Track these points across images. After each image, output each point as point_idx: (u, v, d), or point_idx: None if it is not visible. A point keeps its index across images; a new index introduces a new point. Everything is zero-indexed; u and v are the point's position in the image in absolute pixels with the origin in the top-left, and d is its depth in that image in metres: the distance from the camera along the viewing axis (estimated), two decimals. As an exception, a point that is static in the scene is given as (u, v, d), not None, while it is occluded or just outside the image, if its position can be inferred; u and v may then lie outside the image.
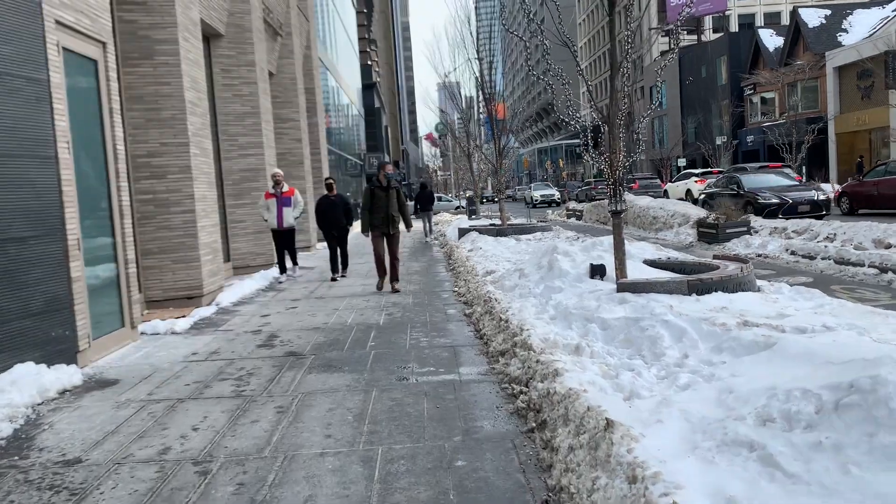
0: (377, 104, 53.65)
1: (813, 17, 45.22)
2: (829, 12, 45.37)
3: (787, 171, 26.30)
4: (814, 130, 36.59)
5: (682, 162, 58.88)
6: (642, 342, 5.36)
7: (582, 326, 6.10)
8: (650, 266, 8.40)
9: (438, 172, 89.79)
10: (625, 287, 6.79)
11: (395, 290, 10.32)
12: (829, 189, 30.61)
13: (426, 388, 5.23)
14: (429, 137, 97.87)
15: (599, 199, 30.84)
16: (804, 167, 38.73)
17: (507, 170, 21.04)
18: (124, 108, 9.22)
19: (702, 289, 6.72)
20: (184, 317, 8.77)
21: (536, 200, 47.45)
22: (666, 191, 36.80)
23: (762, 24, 65.09)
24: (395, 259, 10.62)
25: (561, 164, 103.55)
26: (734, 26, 69.89)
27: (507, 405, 4.72)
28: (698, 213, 18.08)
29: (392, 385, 5.35)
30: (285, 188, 12.17)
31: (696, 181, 33.43)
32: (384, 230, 10.35)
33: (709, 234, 15.24)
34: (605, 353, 5.35)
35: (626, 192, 23.85)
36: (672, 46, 7.35)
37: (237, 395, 5.31)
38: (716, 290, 6.73)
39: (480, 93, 19.17)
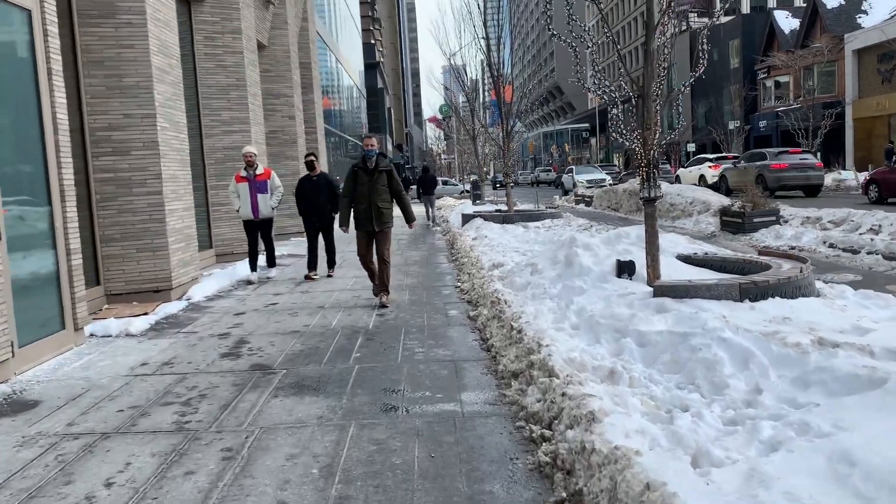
0: (380, 84, 52.30)
1: (831, -1, 43.68)
2: (848, -7, 43.82)
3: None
4: (831, 115, 35.22)
5: (691, 147, 57.56)
6: (695, 367, 4.20)
7: (614, 341, 4.94)
8: (685, 263, 7.23)
9: (442, 156, 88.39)
10: (663, 291, 5.62)
11: (382, 305, 7.86)
12: (850, 175, 29.39)
13: (419, 423, 4.08)
14: (433, 120, 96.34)
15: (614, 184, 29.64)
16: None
17: (514, 153, 19.78)
18: (82, 73, 8.04)
19: (756, 293, 5.55)
20: (145, 314, 7.63)
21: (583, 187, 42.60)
22: (678, 176, 35.50)
23: (774, 6, 63.40)
24: (385, 263, 7.95)
25: (567, 149, 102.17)
26: (746, 8, 68.14)
27: (524, 455, 3.57)
28: (720, 200, 16.87)
29: (376, 417, 4.20)
30: (260, 170, 10.16)
31: (709, 166, 32.23)
32: (368, 227, 7.85)
33: (734, 223, 14.04)
34: (646, 380, 4.20)
35: (683, 180, 22.55)
36: (679, 28, 6.13)
37: (178, 428, 4.16)
38: (772, 296, 5.56)
39: (488, 72, 17.91)
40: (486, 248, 12.06)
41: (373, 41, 53.49)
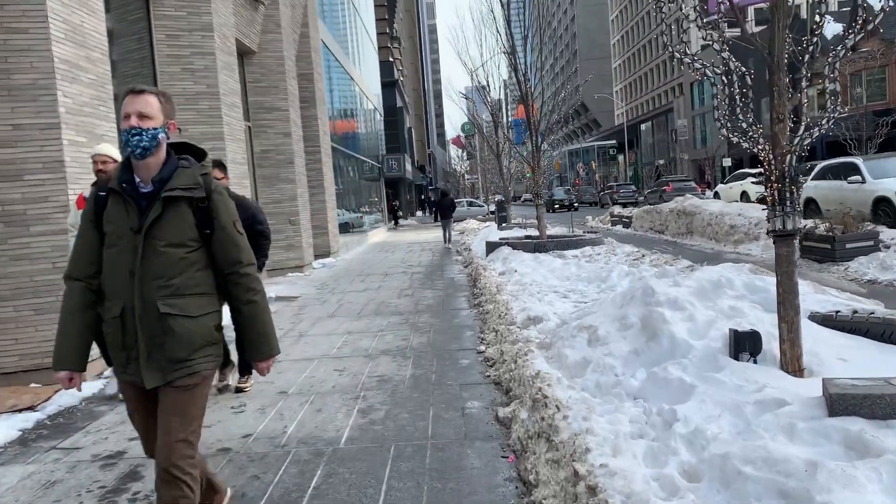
0: (399, 103, 50.28)
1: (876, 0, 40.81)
2: (896, -6, 40.91)
3: None
4: (885, 124, 32.36)
5: (727, 162, 54.69)
6: None
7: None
8: (825, 326, 4.72)
9: (466, 176, 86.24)
10: (842, 403, 3.11)
11: None
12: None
13: None
14: (456, 141, 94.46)
15: (646, 204, 27.18)
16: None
17: (545, 170, 17.33)
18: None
19: None
20: (32, 408, 5.29)
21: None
22: (717, 192, 32.93)
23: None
24: (174, 482, 2.59)
25: (593, 166, 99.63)
26: (780, 17, 65.20)
27: None
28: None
29: None
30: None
31: (752, 182, 29.44)
32: (132, 375, 2.66)
33: (819, 249, 11.43)
34: None
35: (692, 198, 20.00)
36: (712, 39, 3.70)
37: None
38: None
39: (515, 78, 15.55)
40: (517, 287, 9.60)
41: (391, 59, 51.55)
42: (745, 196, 27.66)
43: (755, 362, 4.08)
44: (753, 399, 3.44)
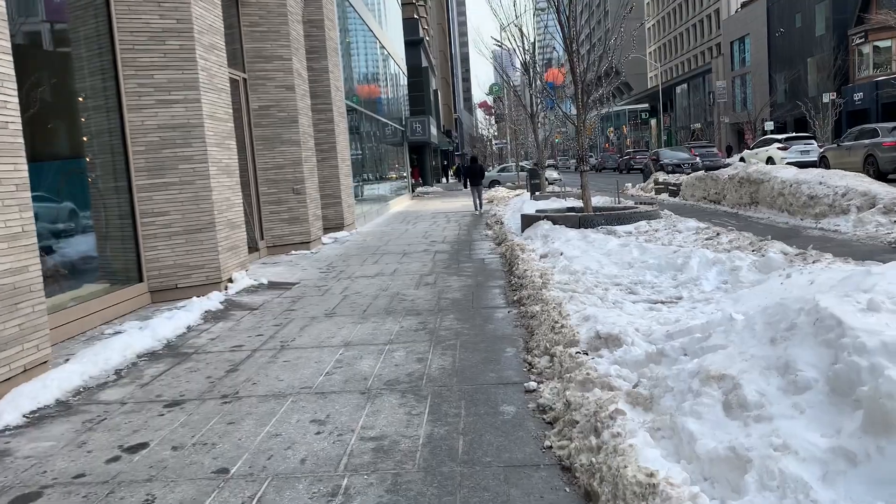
0: (424, 63, 47.75)
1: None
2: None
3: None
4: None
5: (769, 125, 51.54)
6: None
7: None
8: None
9: (493, 141, 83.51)
10: None
11: None
12: None
13: None
14: (483, 105, 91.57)
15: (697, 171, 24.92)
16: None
17: (590, 132, 15.01)
18: None
19: None
20: None
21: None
22: (742, 158, 30.92)
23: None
24: None
25: (624, 131, 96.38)
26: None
27: None
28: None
29: None
30: None
31: (778, 147, 27.79)
32: None
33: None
34: None
35: (757, 163, 17.58)
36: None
37: None
38: None
39: (557, 19, 13.19)
40: (567, 277, 7.50)
41: (416, 16, 48.90)
42: (770, 161, 26.53)
43: None
44: None
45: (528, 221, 12.47)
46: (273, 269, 10.49)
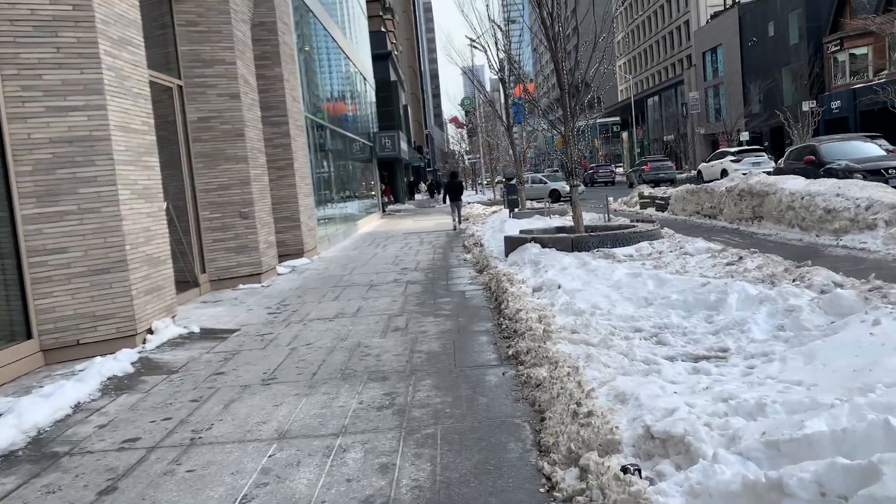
0: (393, 77, 46.25)
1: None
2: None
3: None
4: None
5: (744, 136, 50.71)
6: None
7: None
8: None
9: (466, 157, 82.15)
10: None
11: None
12: None
13: None
14: (454, 121, 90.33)
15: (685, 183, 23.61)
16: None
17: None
18: None
19: None
20: None
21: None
22: (699, 171, 31.40)
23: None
24: None
25: (596, 144, 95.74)
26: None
27: None
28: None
29: None
30: None
31: (731, 160, 28.63)
32: None
33: None
34: None
35: (759, 175, 16.23)
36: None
37: None
38: None
39: (540, 16, 11.72)
40: (574, 321, 5.92)
41: (383, 29, 47.41)
42: (724, 174, 26.98)
43: None
44: None
45: (512, 244, 10.90)
46: (212, 310, 8.78)
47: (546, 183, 36.42)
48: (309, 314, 8.12)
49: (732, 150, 31.42)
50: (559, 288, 7.37)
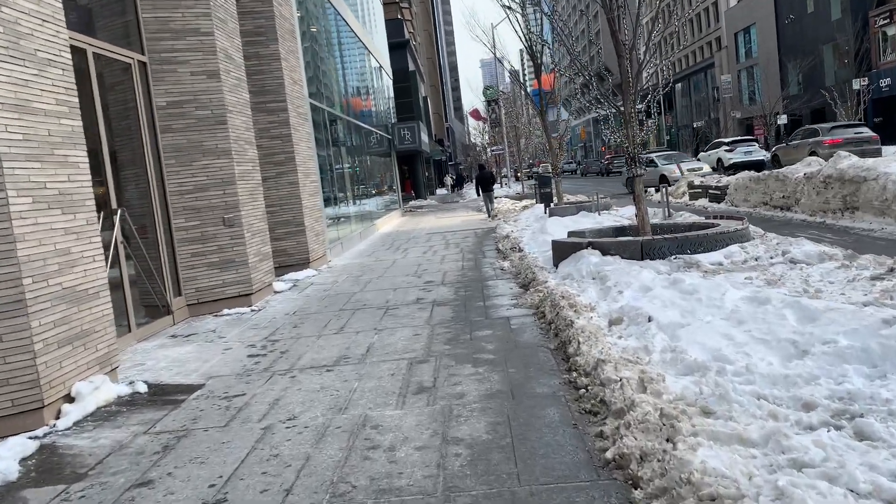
0: (412, 67, 44.06)
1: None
2: None
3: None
4: None
5: (782, 120, 47.74)
6: None
7: None
8: None
9: (488, 149, 79.72)
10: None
11: None
12: None
13: None
14: (474, 113, 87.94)
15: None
16: None
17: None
18: None
19: None
20: None
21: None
22: (699, 158, 30.78)
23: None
24: None
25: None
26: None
27: None
28: None
29: None
30: None
31: (725, 150, 28.53)
32: None
33: None
34: None
35: (849, 157, 13.78)
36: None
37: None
38: None
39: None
40: (695, 389, 3.76)
41: (401, 17, 45.21)
42: (720, 163, 27.68)
43: None
44: None
45: (562, 251, 8.69)
46: (179, 349, 6.68)
47: (657, 166, 26.73)
48: (301, 358, 6.00)
49: (727, 140, 31.25)
50: (650, 321, 5.18)
